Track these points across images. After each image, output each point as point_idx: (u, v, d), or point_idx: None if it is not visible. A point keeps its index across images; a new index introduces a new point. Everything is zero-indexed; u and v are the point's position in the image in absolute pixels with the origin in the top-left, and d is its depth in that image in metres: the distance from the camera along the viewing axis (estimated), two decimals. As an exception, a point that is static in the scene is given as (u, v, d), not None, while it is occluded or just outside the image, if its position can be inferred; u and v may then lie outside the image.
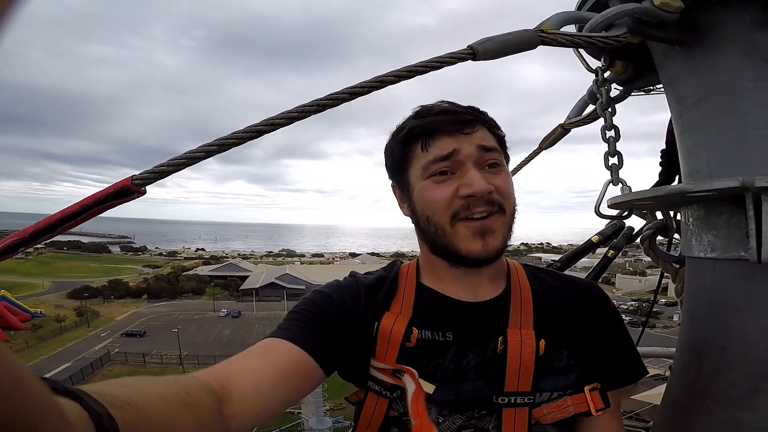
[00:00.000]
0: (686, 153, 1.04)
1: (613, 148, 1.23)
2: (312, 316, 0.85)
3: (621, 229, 1.46)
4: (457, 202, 0.82)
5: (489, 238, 0.81)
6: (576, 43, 0.89)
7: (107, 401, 0.40)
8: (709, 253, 0.96)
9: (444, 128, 0.83)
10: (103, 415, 0.38)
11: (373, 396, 0.88)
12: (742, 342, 0.89)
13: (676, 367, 1.05)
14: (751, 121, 0.88)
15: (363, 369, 0.88)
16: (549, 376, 0.84)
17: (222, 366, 0.73)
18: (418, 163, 0.86)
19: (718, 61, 0.91)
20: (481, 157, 0.83)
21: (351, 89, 0.84)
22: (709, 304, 0.96)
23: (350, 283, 0.94)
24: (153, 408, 0.48)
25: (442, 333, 0.86)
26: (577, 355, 0.87)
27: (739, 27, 0.89)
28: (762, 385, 0.86)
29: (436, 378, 0.83)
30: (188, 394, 0.57)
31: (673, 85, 1.02)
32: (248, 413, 0.68)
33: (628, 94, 1.25)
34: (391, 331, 0.85)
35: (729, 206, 0.89)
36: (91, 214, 0.78)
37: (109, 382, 0.50)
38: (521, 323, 0.86)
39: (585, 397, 0.85)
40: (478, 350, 0.85)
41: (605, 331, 0.91)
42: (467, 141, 0.83)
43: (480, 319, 0.87)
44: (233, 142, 0.80)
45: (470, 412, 0.84)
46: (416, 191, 0.87)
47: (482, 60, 0.89)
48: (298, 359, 0.78)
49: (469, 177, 0.81)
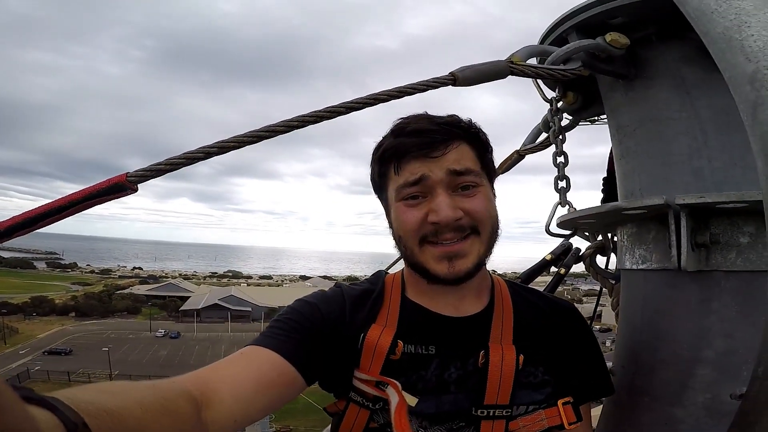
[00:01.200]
0: (623, 177, 1.18)
1: (563, 172, 1.37)
2: (295, 326, 0.85)
3: (570, 249, 1.60)
4: (426, 227, 0.83)
5: (456, 261, 0.82)
6: (539, 75, 1.00)
7: (82, 409, 0.40)
8: (640, 264, 1.08)
9: (413, 152, 0.83)
10: (78, 423, 0.38)
11: (354, 407, 0.87)
12: (670, 343, 0.98)
13: (616, 369, 1.13)
14: (674, 147, 1.02)
15: (346, 380, 0.88)
16: (525, 390, 0.87)
17: (202, 372, 0.73)
18: (393, 184, 0.87)
19: (651, 94, 1.05)
20: (452, 182, 0.82)
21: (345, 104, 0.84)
22: (642, 310, 1.08)
23: (335, 294, 0.94)
24: (130, 415, 0.47)
25: (425, 346, 0.87)
26: (552, 370, 0.90)
27: (671, 62, 1.02)
28: (689, 382, 0.93)
29: (418, 390, 0.84)
30: (166, 400, 0.57)
31: (614, 114, 1.17)
32: (227, 420, 0.68)
33: (576, 123, 1.41)
34: (377, 343, 0.85)
35: (656, 224, 1.01)
36: (79, 208, 0.74)
37: (86, 388, 0.49)
38: (502, 338, 0.88)
39: (558, 410, 0.88)
40: (459, 364, 0.87)
41: (580, 349, 0.95)
42: (437, 165, 0.82)
43: (462, 334, 0.89)
44: (233, 145, 0.80)
45: (449, 423, 0.85)
46: (392, 211, 0.89)
47: (461, 86, 0.94)
48: (280, 368, 0.78)
49: (437, 203, 0.81)
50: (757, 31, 0.50)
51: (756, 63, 0.49)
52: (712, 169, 0.96)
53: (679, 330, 0.98)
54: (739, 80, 0.51)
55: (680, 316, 0.98)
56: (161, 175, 0.79)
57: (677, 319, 0.98)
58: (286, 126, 0.83)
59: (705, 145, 0.97)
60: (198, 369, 0.74)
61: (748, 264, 0.87)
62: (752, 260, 0.87)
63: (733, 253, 0.88)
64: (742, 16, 0.52)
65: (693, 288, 0.94)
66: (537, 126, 1.60)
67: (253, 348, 0.80)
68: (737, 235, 0.88)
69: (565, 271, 1.64)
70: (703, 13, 0.56)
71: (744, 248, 0.88)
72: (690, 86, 0.99)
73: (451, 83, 0.94)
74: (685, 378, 0.94)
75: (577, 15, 1.06)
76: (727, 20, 0.53)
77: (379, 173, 0.91)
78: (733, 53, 0.51)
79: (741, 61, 0.51)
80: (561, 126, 1.34)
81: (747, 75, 0.50)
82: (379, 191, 0.94)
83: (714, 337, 0.91)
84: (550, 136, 1.39)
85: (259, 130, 0.82)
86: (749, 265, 0.87)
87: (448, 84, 0.94)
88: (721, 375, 0.90)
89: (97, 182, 0.76)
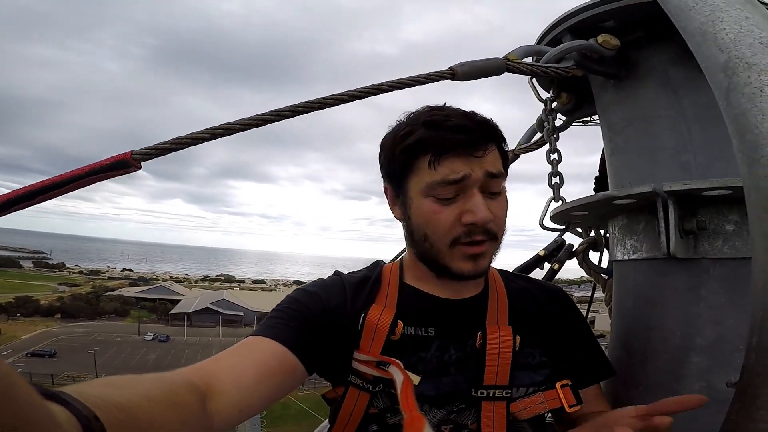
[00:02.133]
0: (614, 173, 1.24)
1: (556, 169, 1.43)
2: (296, 314, 0.86)
3: (563, 244, 1.66)
4: (459, 229, 0.82)
5: (480, 260, 0.84)
6: (533, 72, 1.06)
7: (92, 403, 0.41)
8: (631, 255, 1.13)
9: (457, 149, 0.80)
10: (90, 417, 0.39)
11: (354, 391, 0.87)
12: (661, 331, 1.01)
13: (611, 359, 1.17)
14: (661, 143, 1.08)
15: (345, 364, 0.88)
16: (524, 371, 0.88)
17: (205, 363, 0.74)
18: (422, 178, 0.83)
19: (640, 93, 1.11)
20: (486, 184, 0.82)
21: (348, 93, 0.86)
22: (633, 300, 1.12)
23: (335, 282, 0.95)
24: (138, 408, 0.48)
25: (425, 328, 0.89)
26: (547, 353, 0.92)
27: (659, 63, 1.09)
28: (682, 371, 0.96)
29: (418, 372, 0.84)
30: (172, 393, 0.57)
31: (606, 113, 1.23)
32: (231, 410, 0.69)
33: (569, 123, 1.47)
34: (378, 323, 0.86)
35: (646, 215, 1.06)
36: (81, 183, 0.73)
37: (94, 383, 0.50)
38: (498, 320, 0.90)
39: (557, 393, 0.88)
40: (459, 345, 0.88)
41: (572, 331, 0.98)
42: (478, 165, 0.81)
43: (461, 316, 0.90)
44: (239, 127, 0.81)
45: (450, 406, 0.86)
46: (415, 205, 0.86)
47: (460, 80, 0.98)
48: (281, 357, 0.79)
49: (474, 203, 0.81)
50: (728, 24, 0.56)
51: (728, 53, 0.55)
52: (697, 162, 1.02)
53: (669, 318, 1.01)
54: (714, 69, 0.57)
55: (670, 304, 1.01)
56: (166, 153, 0.80)
57: (667, 307, 1.02)
58: (291, 111, 0.85)
59: (690, 140, 1.03)
60: (199, 361, 0.75)
61: (734, 251, 0.91)
62: (738, 247, 0.91)
63: (719, 241, 0.93)
64: (715, 12, 0.58)
65: (682, 275, 0.99)
66: (532, 126, 1.67)
67: (254, 338, 0.81)
68: (723, 222, 0.93)
69: (558, 266, 1.70)
70: (681, 10, 0.62)
71: (730, 236, 0.92)
72: (676, 85, 1.05)
73: (450, 77, 0.98)
74: (679, 366, 0.96)
75: (571, 18, 1.12)
76: (702, 16, 0.59)
77: (403, 162, 0.86)
78: (708, 45, 0.57)
79: (715, 52, 0.56)
80: (555, 125, 1.40)
81: (720, 64, 0.55)
82: (394, 180, 0.90)
83: (704, 324, 0.94)
84: (544, 135, 1.45)
85: (265, 114, 0.84)
86: (735, 252, 0.91)
87: (448, 78, 0.98)
88: (713, 363, 0.92)
89: (101, 159, 0.76)
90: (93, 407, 0.40)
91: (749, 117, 0.53)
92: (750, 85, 0.53)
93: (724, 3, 0.58)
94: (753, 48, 0.53)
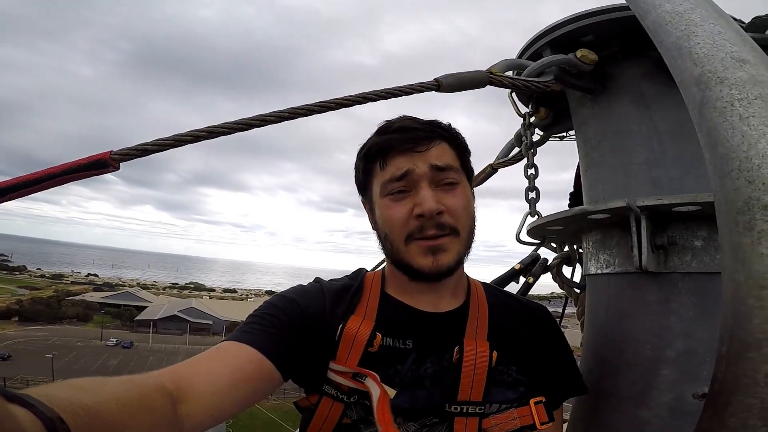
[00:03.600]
0: (588, 187, 1.27)
1: (533, 184, 1.45)
2: (273, 320, 0.85)
3: (538, 259, 1.68)
4: (412, 223, 0.85)
5: (439, 255, 0.85)
6: (515, 85, 1.07)
7: (57, 405, 0.40)
8: (604, 269, 1.15)
9: (398, 146, 0.87)
10: (54, 419, 0.38)
11: (328, 400, 0.86)
12: (633, 343, 1.03)
13: (584, 371, 1.16)
14: (634, 157, 1.10)
15: (320, 372, 0.87)
16: (498, 388, 0.88)
17: (178, 367, 0.72)
18: (378, 180, 0.89)
19: (614, 108, 1.14)
20: (434, 177, 0.86)
21: (335, 101, 0.87)
22: (606, 312, 1.13)
23: (314, 288, 0.94)
24: (106, 410, 0.47)
25: (403, 340, 0.88)
26: (524, 370, 0.92)
27: (632, 78, 1.12)
28: (653, 382, 0.97)
29: (394, 384, 0.84)
30: (142, 395, 0.56)
31: (582, 129, 1.26)
32: (203, 414, 0.68)
33: (547, 138, 1.50)
34: (356, 334, 0.86)
35: (619, 231, 1.08)
36: (55, 182, 0.72)
37: (60, 384, 0.49)
38: (477, 335, 0.90)
39: (530, 410, 0.89)
40: (435, 359, 0.88)
41: (552, 349, 0.98)
42: (421, 159, 0.86)
43: (439, 329, 0.90)
44: (223, 131, 0.81)
45: (423, 419, 0.85)
46: (377, 208, 0.91)
47: (445, 92, 1.00)
48: (256, 362, 0.78)
49: (421, 196, 0.84)
50: (702, 39, 0.58)
51: (701, 67, 0.56)
52: (669, 178, 1.05)
53: (641, 330, 1.02)
54: (688, 83, 0.58)
55: (642, 317, 1.03)
56: (146, 155, 0.78)
57: (639, 319, 1.04)
58: (277, 116, 0.85)
59: (662, 155, 1.06)
60: (173, 365, 0.73)
61: (702, 266, 0.94)
62: (706, 262, 0.94)
63: (688, 256, 0.96)
64: (690, 26, 0.60)
65: (653, 289, 1.01)
66: (510, 141, 1.69)
67: (230, 343, 0.80)
68: (692, 238, 0.96)
69: (533, 280, 1.71)
70: (659, 25, 0.64)
71: (698, 251, 0.95)
72: (649, 101, 1.09)
73: (435, 89, 0.99)
74: (650, 378, 0.98)
75: (551, 32, 1.15)
76: (678, 30, 0.61)
77: (364, 171, 0.93)
78: (683, 59, 0.59)
79: (689, 66, 0.58)
80: (533, 140, 1.43)
81: (694, 78, 0.57)
82: (363, 190, 0.96)
83: (674, 337, 0.96)
84: (522, 150, 1.47)
85: (250, 119, 0.83)
86: (703, 267, 0.94)
87: (433, 89, 0.99)
88: (682, 375, 0.94)
89: (79, 158, 0.74)
90: (58, 409, 0.39)
91: (720, 130, 0.54)
92: (722, 99, 0.54)
93: (699, 18, 0.60)
94: (725, 62, 0.54)
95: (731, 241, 0.52)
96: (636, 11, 0.74)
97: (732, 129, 0.53)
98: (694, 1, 0.64)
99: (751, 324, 0.50)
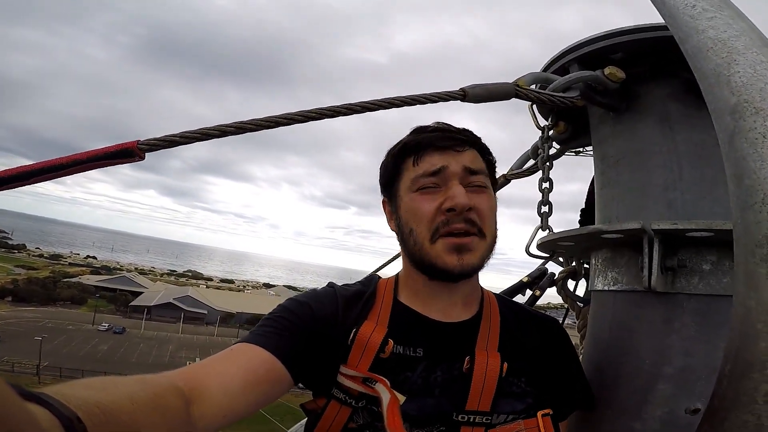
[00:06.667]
0: (602, 205, 1.28)
1: (546, 198, 1.46)
2: (286, 324, 0.86)
3: (545, 272, 1.69)
4: (440, 217, 0.86)
5: (465, 255, 0.86)
6: (541, 99, 1.08)
7: (74, 404, 0.40)
8: (611, 286, 1.16)
9: (435, 144, 0.89)
10: (72, 418, 0.38)
11: (335, 404, 0.87)
12: (634, 358, 1.04)
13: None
14: (652, 178, 1.11)
15: (330, 376, 0.88)
16: (506, 399, 0.89)
17: (191, 367, 0.74)
18: (408, 176, 0.91)
19: (638, 127, 1.15)
20: (466, 178, 0.88)
21: (360, 104, 0.89)
22: (609, 327, 1.15)
23: (328, 293, 0.96)
24: (121, 409, 0.48)
25: (413, 348, 0.89)
26: (533, 382, 0.93)
27: (659, 98, 1.12)
28: (648, 397, 0.99)
29: (403, 391, 0.85)
30: (156, 395, 0.57)
31: (601, 146, 1.27)
32: (215, 415, 0.69)
33: (563, 152, 1.51)
34: (369, 339, 0.87)
35: (629, 250, 1.09)
36: (80, 168, 0.73)
37: (76, 383, 0.50)
38: (488, 346, 0.91)
39: (537, 421, 0.89)
40: (446, 367, 0.89)
41: (562, 362, 1.00)
42: (455, 159, 0.88)
43: (450, 339, 0.91)
44: (250, 127, 0.82)
45: (430, 427, 0.86)
46: (403, 203, 0.92)
47: (470, 102, 0.99)
48: (268, 364, 0.79)
49: (453, 191, 0.85)
50: (743, 68, 0.58)
51: (738, 96, 0.57)
52: (683, 201, 1.06)
53: (643, 346, 1.04)
54: (722, 112, 0.58)
55: (645, 334, 1.05)
56: (172, 146, 0.79)
57: (642, 336, 1.05)
58: (303, 116, 0.86)
59: (680, 178, 1.07)
60: (186, 366, 0.75)
61: (708, 288, 0.96)
62: (712, 285, 0.96)
63: (696, 278, 0.97)
64: (732, 54, 0.60)
65: (658, 308, 1.02)
66: (526, 152, 1.70)
67: (243, 345, 0.81)
68: (701, 262, 0.97)
69: (540, 293, 1.72)
70: (699, 50, 0.64)
71: (706, 274, 0.97)
72: (673, 121, 1.09)
73: (461, 98, 0.99)
74: (646, 392, 1.00)
75: (580, 48, 1.16)
76: (719, 57, 0.61)
77: (393, 166, 0.95)
78: (720, 87, 0.59)
79: (726, 95, 0.58)
80: (549, 153, 1.43)
81: (729, 107, 0.57)
82: (388, 187, 0.97)
83: (674, 354, 0.98)
84: (538, 163, 1.48)
85: (278, 117, 0.84)
86: (709, 290, 0.96)
87: (458, 98, 0.99)
88: (678, 390, 0.96)
89: (106, 146, 0.75)
90: (75, 408, 0.40)
91: (749, 161, 0.55)
92: (755, 130, 0.55)
93: (742, 46, 0.60)
94: (763, 92, 0.55)
95: (747, 270, 0.54)
96: (676, 35, 0.74)
97: (761, 161, 0.53)
98: (740, 28, 0.64)
99: (757, 346, 0.53)
